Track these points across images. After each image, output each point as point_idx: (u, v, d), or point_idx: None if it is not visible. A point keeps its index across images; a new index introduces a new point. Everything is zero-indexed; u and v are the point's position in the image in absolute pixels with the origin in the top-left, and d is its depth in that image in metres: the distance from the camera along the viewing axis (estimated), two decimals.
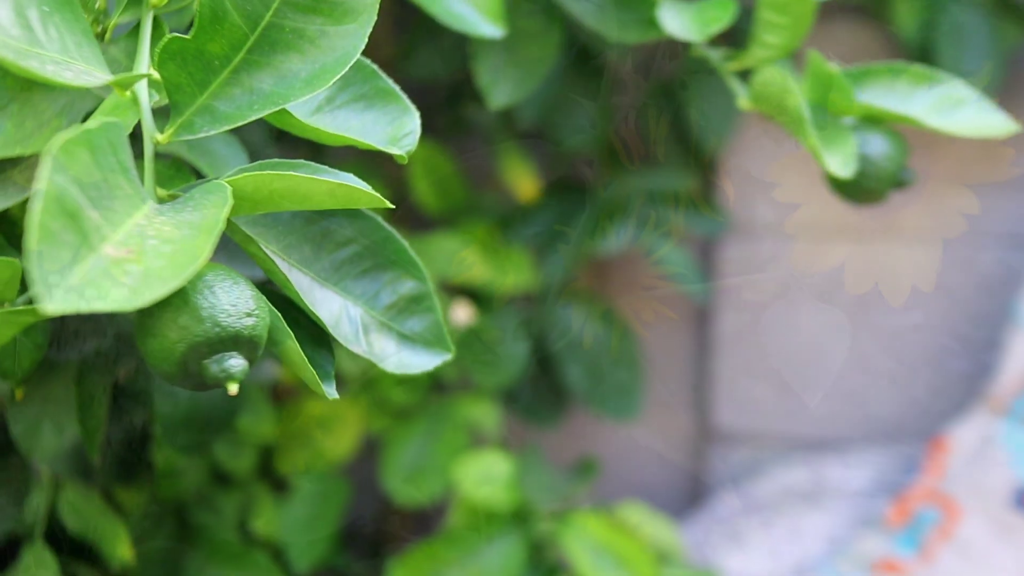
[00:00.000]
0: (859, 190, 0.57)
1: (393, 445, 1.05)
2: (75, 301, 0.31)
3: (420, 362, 0.46)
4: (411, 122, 0.45)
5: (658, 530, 1.05)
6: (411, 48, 1.04)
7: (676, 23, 0.55)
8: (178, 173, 0.53)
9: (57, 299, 0.31)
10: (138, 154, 0.42)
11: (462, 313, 1.05)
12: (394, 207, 0.40)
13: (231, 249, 0.46)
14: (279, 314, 0.41)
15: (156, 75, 0.42)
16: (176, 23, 0.51)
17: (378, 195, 0.40)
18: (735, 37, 0.74)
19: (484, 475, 1.01)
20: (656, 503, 1.27)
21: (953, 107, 0.56)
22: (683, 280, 1.14)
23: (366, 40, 0.41)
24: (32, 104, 0.46)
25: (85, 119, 0.48)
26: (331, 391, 0.43)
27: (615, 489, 1.31)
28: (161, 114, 0.43)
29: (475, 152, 1.24)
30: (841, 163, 0.51)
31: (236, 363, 0.38)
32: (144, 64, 0.43)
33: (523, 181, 1.13)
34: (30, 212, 0.31)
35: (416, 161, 1.07)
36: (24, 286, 0.48)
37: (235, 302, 0.38)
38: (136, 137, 0.42)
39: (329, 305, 0.44)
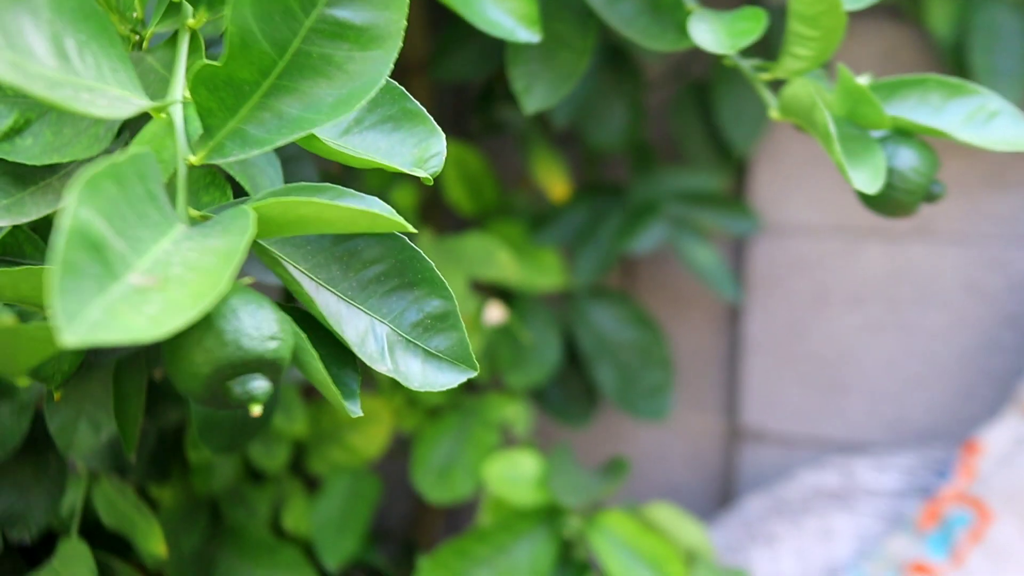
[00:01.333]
0: (889, 203, 0.56)
1: (424, 443, 1.06)
2: (94, 333, 0.31)
3: (445, 379, 0.46)
4: (437, 144, 0.45)
5: (688, 530, 1.05)
6: (445, 50, 1.04)
7: (707, 36, 0.55)
8: (214, 180, 0.54)
9: (76, 331, 0.31)
10: None
11: (495, 313, 1.06)
12: (415, 231, 0.40)
13: (260, 262, 0.47)
14: (304, 335, 0.41)
15: (189, 98, 0.43)
16: (213, 28, 0.52)
17: (400, 220, 0.41)
18: (767, 44, 0.74)
19: (514, 474, 1.01)
20: (686, 504, 1.27)
21: (986, 120, 0.55)
22: (714, 280, 1.14)
23: (392, 65, 0.42)
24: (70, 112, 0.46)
25: (122, 127, 0.48)
26: (355, 409, 0.44)
27: (645, 489, 1.32)
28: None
29: (507, 152, 1.24)
30: (867, 179, 0.51)
31: (259, 385, 0.39)
32: (179, 86, 0.44)
33: (555, 181, 1.13)
34: (53, 247, 0.31)
35: (449, 161, 1.07)
36: None
37: (259, 325, 0.39)
38: None
39: (356, 323, 0.44)
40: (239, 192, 0.54)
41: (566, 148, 1.22)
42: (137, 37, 0.54)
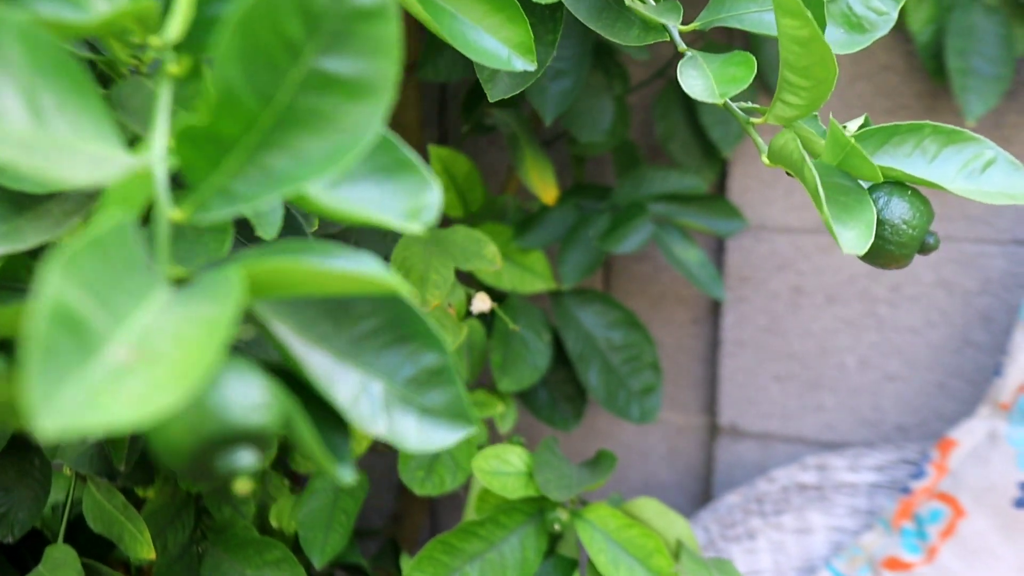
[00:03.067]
0: (880, 255, 0.55)
1: None
2: (70, 418, 0.30)
3: (442, 437, 0.44)
4: (430, 195, 0.43)
5: (672, 525, 1.05)
6: (433, 50, 1.03)
7: (697, 84, 0.55)
8: None
9: (52, 418, 0.30)
10: None
11: (481, 303, 1.05)
12: (411, 295, 0.40)
13: None
14: (294, 402, 0.40)
15: (172, 147, 0.41)
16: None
17: (395, 281, 0.38)
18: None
19: (501, 468, 1.01)
20: (665, 500, 1.28)
21: (981, 169, 0.55)
22: (701, 280, 1.14)
23: (383, 117, 0.39)
24: None
25: None
26: (346, 474, 0.42)
27: (625, 486, 1.32)
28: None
29: (491, 153, 1.24)
30: (855, 239, 0.50)
31: (245, 457, 0.36)
32: (160, 138, 0.41)
33: (545, 183, 1.12)
34: (29, 331, 0.30)
35: (437, 166, 1.06)
36: None
37: (245, 394, 0.36)
38: None
39: (348, 382, 0.42)
40: None
41: (552, 148, 1.22)
42: (136, 62, 0.53)
